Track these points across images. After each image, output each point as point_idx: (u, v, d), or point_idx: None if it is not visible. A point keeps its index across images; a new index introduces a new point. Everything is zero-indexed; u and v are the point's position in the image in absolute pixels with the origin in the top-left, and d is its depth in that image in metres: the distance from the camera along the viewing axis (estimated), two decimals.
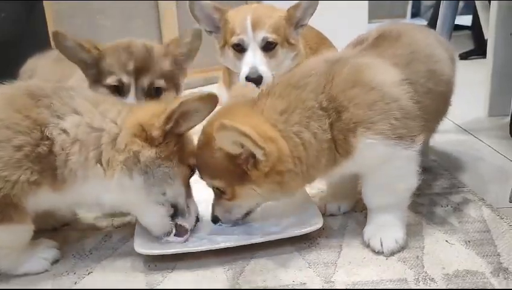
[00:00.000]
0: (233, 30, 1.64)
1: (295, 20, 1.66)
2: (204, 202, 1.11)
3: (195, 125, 1.03)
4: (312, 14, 1.68)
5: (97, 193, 0.99)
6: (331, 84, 0.99)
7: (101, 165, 0.97)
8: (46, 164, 0.94)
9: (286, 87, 1.01)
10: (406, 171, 1.04)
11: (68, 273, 1.02)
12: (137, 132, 0.97)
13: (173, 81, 1.36)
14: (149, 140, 0.98)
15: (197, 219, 1.10)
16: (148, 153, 0.97)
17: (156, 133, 0.97)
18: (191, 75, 2.93)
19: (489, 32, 1.97)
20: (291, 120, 0.97)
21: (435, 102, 1.12)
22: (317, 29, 1.99)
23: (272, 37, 1.61)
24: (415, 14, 4.89)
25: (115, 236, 1.17)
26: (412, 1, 4.73)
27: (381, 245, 1.02)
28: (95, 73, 1.31)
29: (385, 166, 1.01)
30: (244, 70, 1.60)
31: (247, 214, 1.08)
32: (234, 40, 1.64)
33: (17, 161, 0.92)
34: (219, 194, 1.03)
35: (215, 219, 1.07)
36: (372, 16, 3.54)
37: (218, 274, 0.99)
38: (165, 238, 1.05)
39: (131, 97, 1.27)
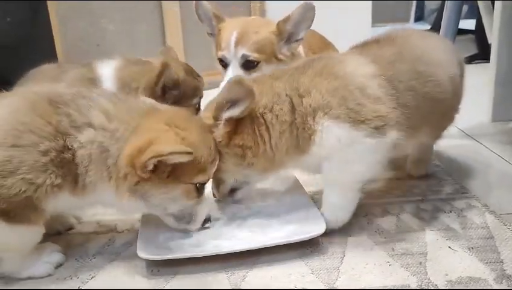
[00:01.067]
0: (220, 44, 1.62)
1: (286, 35, 1.58)
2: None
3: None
4: (308, 28, 1.59)
5: (111, 201, 1.02)
6: (303, 75, 1.09)
7: (113, 182, 0.99)
8: (69, 169, 0.96)
9: (264, 77, 1.14)
10: (364, 158, 1.07)
11: (71, 278, 1.03)
12: (130, 163, 0.96)
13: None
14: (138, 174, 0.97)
15: (206, 221, 1.12)
16: (143, 185, 0.98)
17: (139, 172, 0.95)
18: None
19: (493, 37, 1.96)
20: (260, 103, 1.07)
21: (420, 102, 1.13)
22: (320, 34, 1.99)
23: (252, 55, 1.55)
24: (419, 18, 4.88)
25: (118, 241, 1.17)
26: (415, 5, 4.73)
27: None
28: None
29: (344, 150, 1.05)
30: (221, 85, 1.59)
31: (233, 191, 1.19)
32: (219, 55, 1.63)
33: (43, 165, 0.93)
34: None
35: (213, 194, 1.20)
36: (376, 20, 3.54)
37: (221, 279, 0.99)
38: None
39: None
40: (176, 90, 1.47)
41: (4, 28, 1.76)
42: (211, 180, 1.14)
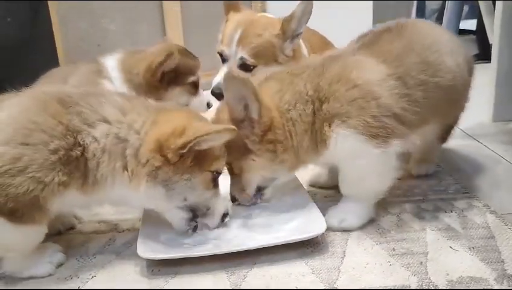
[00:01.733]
0: (224, 36, 1.62)
1: (290, 33, 1.59)
2: None
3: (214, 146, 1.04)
4: (307, 22, 1.61)
5: (124, 196, 1.03)
6: (321, 77, 1.10)
7: (128, 173, 0.99)
8: (77, 166, 0.97)
9: (283, 73, 1.16)
10: (374, 170, 1.10)
11: (72, 278, 1.03)
12: (156, 148, 0.98)
13: None
14: (165, 158, 0.98)
15: (225, 216, 1.12)
16: (166, 170, 0.99)
17: (170, 155, 0.98)
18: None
19: (494, 37, 1.96)
20: (284, 99, 1.10)
21: (430, 94, 1.15)
22: (320, 34, 1.99)
23: (250, 60, 1.56)
24: (420, 18, 4.88)
25: (118, 240, 1.17)
26: (416, 5, 4.72)
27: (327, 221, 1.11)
28: None
29: (356, 161, 1.09)
30: (214, 82, 1.60)
31: (260, 190, 1.18)
32: (218, 48, 1.63)
33: (52, 163, 0.94)
34: (231, 171, 1.14)
35: (232, 199, 1.17)
36: (377, 20, 3.53)
37: (221, 279, 0.99)
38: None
39: None
40: (172, 72, 1.54)
41: (5, 28, 1.76)
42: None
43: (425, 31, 1.25)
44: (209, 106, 1.68)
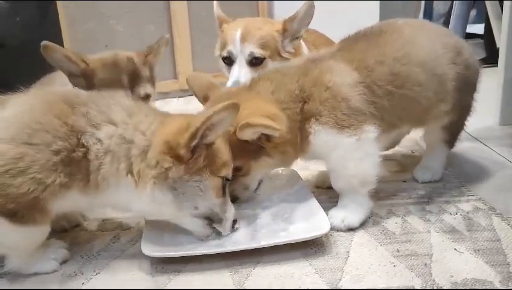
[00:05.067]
0: (225, 42, 1.65)
1: (292, 32, 1.63)
2: None
3: (221, 133, 1.03)
4: (308, 24, 1.64)
5: (127, 200, 1.01)
6: (305, 79, 1.17)
7: (132, 176, 0.98)
8: (79, 168, 0.96)
9: (274, 73, 1.21)
10: (352, 157, 1.15)
11: (76, 274, 1.03)
12: (166, 149, 0.97)
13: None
14: (178, 157, 0.97)
15: (235, 222, 1.11)
16: (177, 170, 0.98)
17: (182, 151, 0.97)
18: None
19: (501, 40, 1.95)
20: (280, 98, 1.15)
21: (397, 103, 1.19)
22: (326, 36, 1.99)
23: (259, 52, 1.59)
24: None
25: (123, 238, 1.18)
26: (423, 8, 4.71)
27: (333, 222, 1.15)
28: (85, 83, 1.41)
29: (334, 153, 1.15)
30: (228, 83, 1.61)
31: (259, 184, 1.24)
32: (224, 52, 1.65)
33: (54, 165, 0.93)
34: (237, 172, 1.14)
35: (234, 198, 1.17)
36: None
37: (225, 278, 0.99)
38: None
39: None
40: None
41: (13, 27, 1.78)
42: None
43: (401, 41, 1.24)
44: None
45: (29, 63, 1.68)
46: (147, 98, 1.47)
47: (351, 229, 1.15)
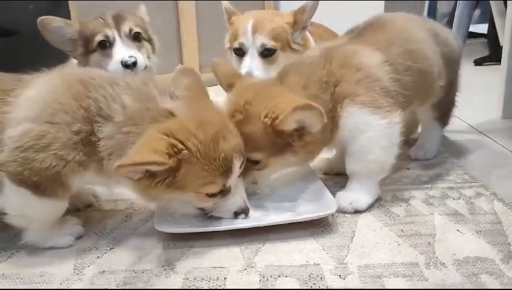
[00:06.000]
0: (236, 33, 1.68)
1: (302, 24, 1.67)
2: None
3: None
4: (313, 15, 1.69)
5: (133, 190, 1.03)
6: (329, 65, 1.18)
7: None
8: (95, 151, 0.99)
9: (300, 65, 1.20)
10: (380, 142, 1.17)
11: (91, 249, 1.07)
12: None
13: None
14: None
15: (239, 213, 1.10)
16: (152, 190, 0.97)
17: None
18: (207, 74, 2.99)
19: (505, 37, 1.98)
20: (311, 93, 1.14)
21: (415, 78, 1.25)
22: (332, 30, 2.03)
23: (270, 44, 1.63)
24: None
25: (135, 217, 1.21)
26: (427, 8, 4.74)
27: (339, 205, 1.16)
28: (83, 44, 1.55)
29: (364, 135, 1.16)
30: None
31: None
32: (235, 44, 1.69)
33: (74, 143, 0.97)
34: (249, 166, 1.12)
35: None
36: None
37: (235, 253, 1.03)
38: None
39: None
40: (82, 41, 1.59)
41: (27, 15, 1.82)
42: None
43: (401, 26, 1.35)
44: (127, 65, 1.54)
45: (41, 50, 1.72)
46: (136, 37, 1.60)
47: (357, 212, 1.18)
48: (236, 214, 1.09)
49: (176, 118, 0.98)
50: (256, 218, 1.12)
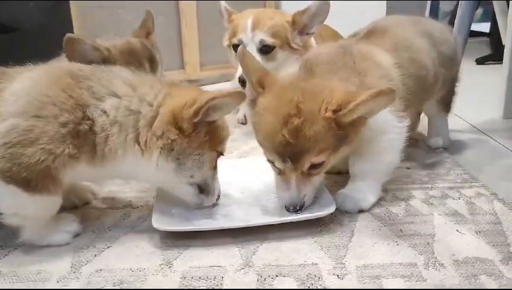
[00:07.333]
0: (236, 30, 1.68)
1: (301, 26, 1.66)
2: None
3: (223, 115, 1.09)
4: (322, 23, 1.66)
5: (133, 169, 1.05)
6: (351, 57, 1.16)
7: (139, 145, 1.02)
8: (86, 140, 0.99)
9: (322, 56, 1.17)
10: (397, 145, 1.18)
11: (88, 247, 1.06)
12: (171, 120, 1.02)
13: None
14: (181, 130, 1.02)
15: (218, 197, 1.16)
16: (181, 142, 1.03)
17: (185, 125, 1.01)
18: (207, 72, 2.99)
19: (507, 36, 1.97)
20: (354, 83, 1.11)
21: (415, 84, 1.26)
22: (333, 29, 2.02)
23: (269, 40, 1.62)
24: None
25: (133, 215, 1.21)
26: (429, 7, 4.72)
27: (342, 204, 1.17)
28: None
29: (383, 136, 1.16)
30: (239, 70, 1.63)
31: None
32: (234, 40, 1.69)
33: (62, 136, 0.97)
34: (306, 176, 1.07)
35: (302, 206, 1.09)
36: None
37: (232, 252, 1.02)
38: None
39: None
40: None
41: (27, 12, 1.82)
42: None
43: (403, 34, 1.35)
44: None
45: (41, 46, 1.71)
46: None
47: (360, 211, 1.18)
48: (218, 198, 1.16)
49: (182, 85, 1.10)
50: (254, 217, 1.12)
